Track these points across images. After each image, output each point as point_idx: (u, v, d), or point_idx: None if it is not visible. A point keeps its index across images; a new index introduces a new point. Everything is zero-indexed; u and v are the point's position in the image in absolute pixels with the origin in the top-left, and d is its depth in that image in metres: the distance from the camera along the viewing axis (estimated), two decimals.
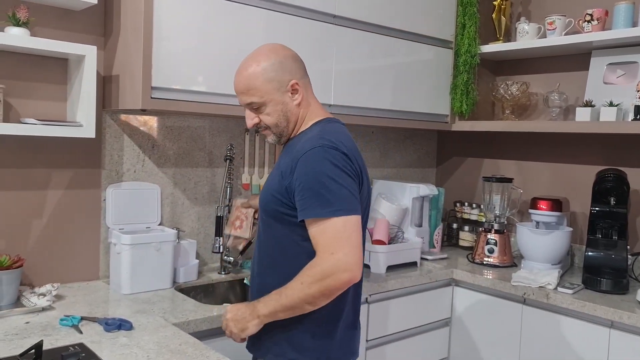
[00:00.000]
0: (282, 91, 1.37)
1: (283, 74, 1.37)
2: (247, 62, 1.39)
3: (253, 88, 1.36)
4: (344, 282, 1.26)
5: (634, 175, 2.27)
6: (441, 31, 2.52)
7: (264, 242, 1.46)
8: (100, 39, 1.87)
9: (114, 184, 1.94)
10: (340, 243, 1.25)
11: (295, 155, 1.33)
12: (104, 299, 1.74)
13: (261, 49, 1.42)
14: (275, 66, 1.37)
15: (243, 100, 1.40)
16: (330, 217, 1.26)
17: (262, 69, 1.36)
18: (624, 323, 1.80)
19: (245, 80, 1.37)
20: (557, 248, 2.27)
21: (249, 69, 1.37)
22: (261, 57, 1.38)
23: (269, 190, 1.40)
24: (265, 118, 1.40)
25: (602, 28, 2.22)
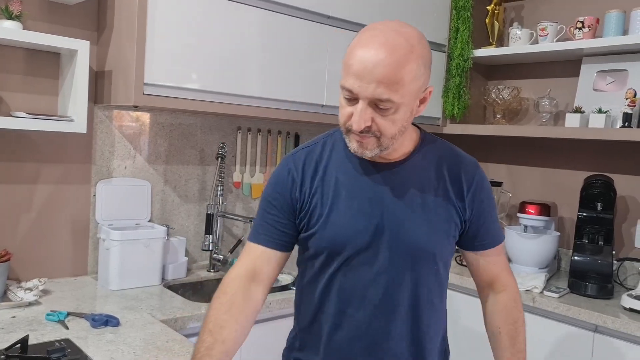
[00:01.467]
0: (418, 97, 1.03)
1: (428, 74, 1.03)
2: (394, 40, 0.96)
3: (399, 82, 0.95)
4: None
5: (621, 182, 2.30)
6: (435, 34, 2.53)
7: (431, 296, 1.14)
8: (94, 34, 1.86)
9: (104, 179, 1.94)
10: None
11: (459, 177, 1.12)
12: (91, 294, 1.74)
13: (404, 26, 1.01)
14: (427, 61, 1.01)
15: (372, 92, 0.96)
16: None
17: (418, 61, 0.97)
18: (608, 327, 1.82)
19: (395, 67, 0.94)
20: (544, 252, 2.29)
21: (400, 52, 0.95)
22: (415, 41, 0.98)
23: (442, 234, 1.11)
24: (388, 125, 1.00)
25: (593, 35, 2.24)
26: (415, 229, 1.08)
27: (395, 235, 1.08)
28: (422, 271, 1.10)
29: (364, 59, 0.95)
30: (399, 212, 1.08)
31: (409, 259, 1.09)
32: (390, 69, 0.94)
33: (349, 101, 1.00)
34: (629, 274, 2.26)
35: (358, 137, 1.02)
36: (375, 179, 1.10)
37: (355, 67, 0.96)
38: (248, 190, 2.34)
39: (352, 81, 0.96)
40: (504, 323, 1.21)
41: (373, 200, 1.08)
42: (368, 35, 0.98)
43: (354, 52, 0.97)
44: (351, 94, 0.98)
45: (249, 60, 1.92)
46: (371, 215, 1.08)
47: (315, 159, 1.13)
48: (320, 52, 2.12)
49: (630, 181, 2.30)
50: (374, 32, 0.98)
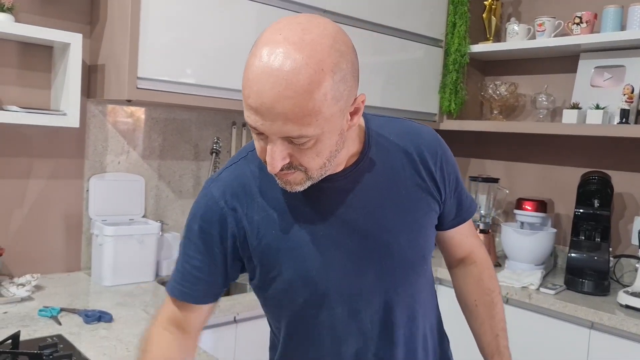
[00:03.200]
0: (345, 115, 0.80)
1: (353, 84, 0.80)
2: (295, 59, 0.72)
3: (310, 114, 0.74)
4: None
5: (618, 178, 2.29)
6: (432, 29, 2.52)
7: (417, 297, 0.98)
8: (87, 27, 1.84)
9: (97, 174, 1.92)
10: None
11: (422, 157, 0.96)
12: (84, 290, 1.72)
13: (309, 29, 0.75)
14: (348, 69, 0.77)
15: (278, 130, 0.75)
16: None
17: (333, 77, 0.74)
18: (604, 324, 1.82)
19: (301, 99, 0.72)
20: (541, 249, 2.29)
21: (304, 77, 0.72)
22: (324, 51, 0.74)
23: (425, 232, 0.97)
24: (310, 159, 0.80)
25: (590, 31, 2.23)
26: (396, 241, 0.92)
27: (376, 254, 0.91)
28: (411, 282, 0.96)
29: (261, 92, 0.72)
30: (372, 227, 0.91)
31: (396, 276, 0.93)
32: (294, 103, 0.72)
33: (258, 135, 0.79)
34: (625, 270, 2.25)
35: (280, 174, 0.82)
36: (334, 195, 0.90)
37: (252, 101, 0.74)
38: None
39: (253, 117, 0.75)
40: (480, 295, 1.11)
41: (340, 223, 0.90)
42: (263, 53, 0.73)
43: (248, 79, 0.74)
44: (257, 130, 0.77)
45: (244, 54, 1.88)
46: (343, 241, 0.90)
47: (247, 181, 0.91)
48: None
49: (628, 178, 2.30)
50: (270, 48, 0.73)
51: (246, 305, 1.72)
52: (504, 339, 1.11)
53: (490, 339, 1.10)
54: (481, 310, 1.11)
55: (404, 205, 0.93)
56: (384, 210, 0.92)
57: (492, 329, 1.10)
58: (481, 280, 1.12)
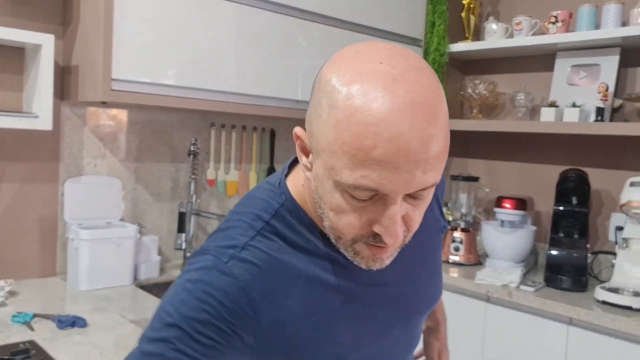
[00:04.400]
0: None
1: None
2: (425, 89, 0.59)
3: (446, 152, 0.61)
4: None
5: (595, 176, 2.31)
6: (411, 29, 2.52)
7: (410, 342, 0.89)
8: (59, 28, 1.82)
9: (72, 177, 1.89)
10: None
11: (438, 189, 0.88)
12: (60, 295, 1.70)
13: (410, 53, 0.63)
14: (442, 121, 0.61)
15: (419, 182, 0.60)
16: None
17: (444, 119, 0.61)
18: (582, 320, 1.83)
19: (444, 136, 0.61)
20: (521, 246, 2.30)
21: (439, 109, 0.60)
22: (434, 75, 0.62)
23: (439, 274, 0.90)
24: (418, 217, 0.67)
25: (566, 30, 2.25)
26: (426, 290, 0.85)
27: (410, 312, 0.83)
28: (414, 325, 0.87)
29: (400, 136, 0.56)
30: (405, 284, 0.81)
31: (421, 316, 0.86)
32: (441, 142, 0.59)
33: (359, 201, 0.62)
34: (603, 266, 2.28)
35: (382, 250, 0.66)
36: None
37: (381, 152, 0.57)
38: (223, 187, 2.30)
39: (377, 175, 0.58)
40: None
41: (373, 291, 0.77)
42: (389, 93, 0.57)
43: (370, 124, 0.57)
44: (372, 192, 0.60)
45: (222, 55, 1.89)
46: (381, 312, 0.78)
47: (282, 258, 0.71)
48: (295, 46, 2.09)
49: (604, 175, 2.32)
50: (394, 84, 0.57)
51: None
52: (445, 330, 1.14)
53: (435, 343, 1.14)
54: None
55: (430, 252, 0.85)
56: (415, 265, 0.81)
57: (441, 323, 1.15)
58: None
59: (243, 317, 0.66)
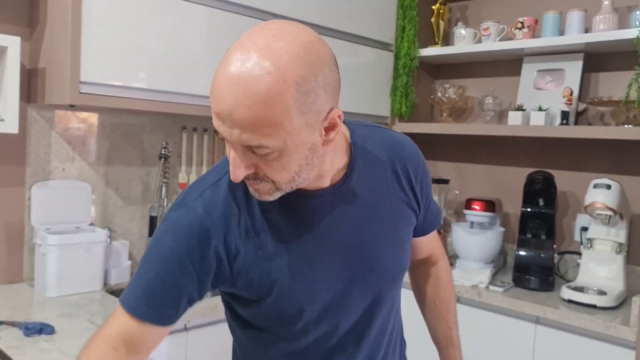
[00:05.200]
0: (315, 128, 0.77)
1: (327, 97, 0.77)
2: (255, 67, 0.70)
3: (270, 125, 0.71)
4: None
5: (561, 177, 2.37)
6: (382, 34, 2.55)
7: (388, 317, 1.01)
8: (26, 30, 1.78)
9: (40, 182, 1.85)
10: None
11: (403, 167, 0.96)
12: (27, 302, 1.66)
13: (281, 36, 0.73)
14: (316, 85, 0.74)
15: (237, 138, 0.74)
16: None
17: (299, 89, 0.72)
18: (548, 318, 1.88)
19: (257, 109, 0.70)
20: (490, 247, 2.34)
21: (263, 87, 0.70)
22: (290, 61, 0.71)
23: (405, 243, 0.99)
24: (277, 172, 0.77)
25: (532, 36, 2.31)
26: (381, 254, 0.93)
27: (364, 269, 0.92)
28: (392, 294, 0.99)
29: (221, 98, 0.71)
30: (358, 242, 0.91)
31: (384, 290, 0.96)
32: (251, 112, 0.70)
33: (226, 142, 0.78)
34: (569, 266, 2.34)
35: (248, 183, 0.81)
36: (322, 210, 0.88)
37: (214, 106, 0.74)
38: None
39: (216, 122, 0.75)
40: (438, 293, 1.19)
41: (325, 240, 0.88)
42: (228, 58, 0.73)
43: (213, 84, 0.74)
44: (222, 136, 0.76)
45: (193, 58, 1.88)
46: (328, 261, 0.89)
47: (235, 202, 0.85)
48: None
49: (569, 177, 2.39)
50: (235, 53, 0.72)
51: (197, 312, 1.69)
52: (456, 330, 1.20)
53: (445, 331, 1.20)
54: (439, 307, 1.19)
55: (389, 220, 0.94)
56: (369, 227, 0.91)
57: (447, 322, 1.19)
58: (440, 280, 1.20)
59: (200, 243, 0.82)
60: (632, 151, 2.21)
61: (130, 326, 0.85)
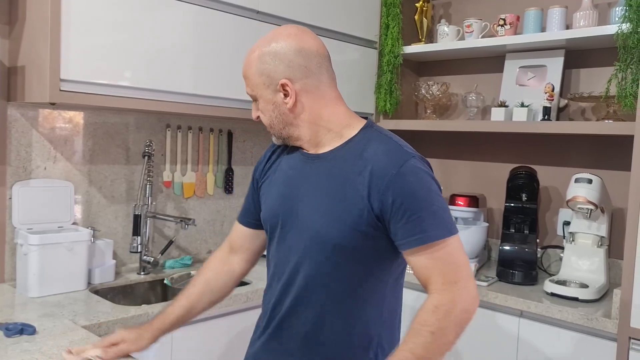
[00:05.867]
0: (273, 90, 1.14)
1: (276, 68, 1.13)
2: (256, 43, 1.19)
3: (247, 77, 1.18)
4: (474, 313, 1.07)
5: (543, 173, 2.40)
6: (366, 31, 2.56)
7: (326, 284, 1.14)
8: (5, 27, 1.76)
9: (21, 181, 1.83)
10: (461, 268, 1.06)
11: (379, 173, 1.08)
12: (8, 303, 1.65)
13: (279, 30, 1.18)
14: (271, 57, 1.14)
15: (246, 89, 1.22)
16: (449, 237, 1.06)
17: (259, 57, 1.15)
18: (532, 312, 1.90)
19: (244, 65, 1.19)
20: (474, 242, 2.36)
21: (252, 53, 1.17)
22: (265, 43, 1.16)
23: (347, 222, 1.10)
24: (261, 115, 1.20)
25: (514, 32, 2.33)
26: (316, 215, 1.13)
27: (299, 218, 1.16)
28: (318, 258, 1.12)
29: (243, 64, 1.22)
30: (307, 198, 1.15)
31: (308, 244, 1.14)
32: (243, 67, 1.19)
33: None
34: (552, 260, 2.36)
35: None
36: (303, 168, 1.20)
37: None
38: (179, 189, 2.28)
39: None
40: (414, 321, 1.07)
41: (293, 186, 1.19)
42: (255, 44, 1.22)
43: None
44: None
45: (178, 56, 1.87)
46: (287, 198, 1.19)
47: (280, 149, 1.28)
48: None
49: (551, 172, 2.41)
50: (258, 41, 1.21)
51: None
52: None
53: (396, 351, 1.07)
54: (409, 332, 1.08)
55: (336, 198, 1.11)
56: (321, 193, 1.14)
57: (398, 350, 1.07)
58: (422, 311, 1.07)
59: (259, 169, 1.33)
60: (612, 146, 2.24)
61: (234, 229, 1.38)
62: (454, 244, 1.07)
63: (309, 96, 1.15)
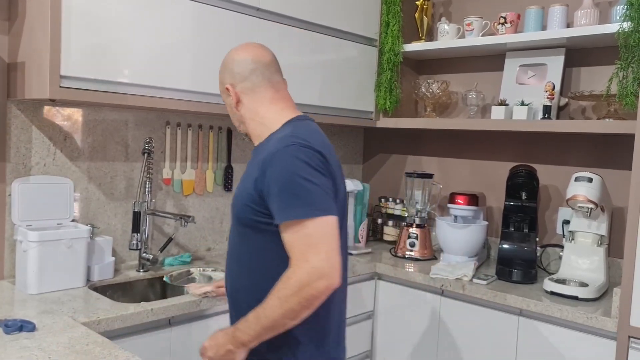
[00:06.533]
0: (226, 94, 1.43)
1: (224, 75, 1.43)
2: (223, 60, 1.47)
3: (220, 82, 1.47)
4: (321, 291, 1.17)
5: (543, 171, 2.40)
6: (366, 29, 2.56)
7: (237, 251, 1.38)
8: (5, 24, 1.75)
9: (20, 178, 1.83)
10: (316, 248, 1.17)
11: (265, 157, 1.27)
12: (7, 299, 1.64)
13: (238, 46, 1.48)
14: (222, 67, 1.45)
15: None
16: (307, 219, 1.18)
17: (221, 68, 1.45)
18: (531, 311, 1.90)
19: (219, 75, 1.47)
20: (474, 241, 2.36)
21: (221, 67, 1.47)
22: (226, 56, 1.45)
23: (242, 199, 1.33)
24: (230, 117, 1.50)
25: (514, 31, 2.33)
26: (235, 198, 1.38)
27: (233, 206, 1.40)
28: (235, 230, 1.38)
29: None
30: (240, 184, 1.39)
31: (233, 219, 1.40)
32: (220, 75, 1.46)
33: None
34: (551, 259, 2.37)
35: None
36: (251, 159, 1.42)
37: None
38: (179, 186, 2.28)
39: None
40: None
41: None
42: None
43: None
44: None
45: (178, 53, 1.87)
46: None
47: None
48: None
49: (551, 171, 2.41)
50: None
51: (181, 307, 1.69)
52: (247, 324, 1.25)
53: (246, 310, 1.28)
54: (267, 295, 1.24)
55: (245, 181, 1.34)
56: (243, 179, 1.37)
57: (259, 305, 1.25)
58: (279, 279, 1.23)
59: None
60: (613, 145, 2.24)
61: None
62: (314, 225, 1.19)
63: (247, 97, 1.39)
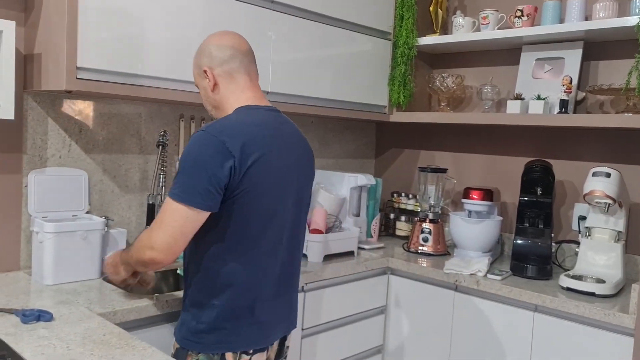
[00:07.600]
0: (202, 76, 1.49)
1: (201, 58, 1.49)
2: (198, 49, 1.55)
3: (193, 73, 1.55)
4: (146, 259, 1.37)
5: (559, 166, 2.38)
6: (380, 22, 2.54)
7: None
8: (21, 15, 1.76)
9: (36, 169, 1.84)
10: (158, 223, 1.35)
11: None
12: (24, 290, 1.65)
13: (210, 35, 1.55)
14: (199, 51, 1.51)
15: None
16: (172, 199, 1.33)
17: (194, 56, 1.53)
18: (547, 307, 1.89)
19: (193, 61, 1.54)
20: (488, 236, 2.35)
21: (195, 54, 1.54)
22: (202, 42, 1.52)
23: None
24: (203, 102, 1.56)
25: (531, 24, 2.30)
26: None
27: None
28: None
29: None
30: None
31: None
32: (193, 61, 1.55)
33: None
34: (566, 255, 2.34)
35: None
36: None
37: None
38: None
39: None
40: None
41: None
42: None
43: None
44: None
45: (193, 45, 1.85)
46: None
47: None
48: (265, 37, 2.08)
49: (567, 166, 2.39)
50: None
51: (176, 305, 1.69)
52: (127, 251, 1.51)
53: None
54: None
55: None
56: None
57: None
58: None
59: None
60: (631, 139, 2.21)
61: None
62: (170, 206, 1.33)
63: (224, 81, 1.47)
